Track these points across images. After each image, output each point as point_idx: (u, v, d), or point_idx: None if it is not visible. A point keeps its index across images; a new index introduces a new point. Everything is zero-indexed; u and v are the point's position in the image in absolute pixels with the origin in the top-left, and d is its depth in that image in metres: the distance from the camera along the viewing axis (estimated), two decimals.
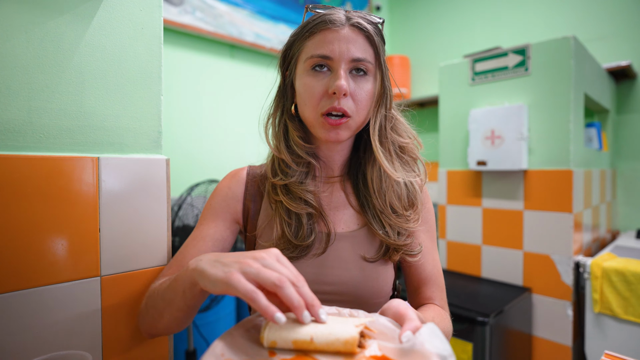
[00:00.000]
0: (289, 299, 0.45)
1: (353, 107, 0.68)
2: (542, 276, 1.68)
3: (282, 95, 0.77)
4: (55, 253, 0.64)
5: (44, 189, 0.62)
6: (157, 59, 0.77)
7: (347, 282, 0.71)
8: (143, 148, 0.76)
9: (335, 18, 0.67)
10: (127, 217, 0.72)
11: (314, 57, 0.67)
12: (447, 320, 0.74)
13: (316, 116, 0.68)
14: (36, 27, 0.62)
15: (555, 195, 1.64)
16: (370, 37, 0.68)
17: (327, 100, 0.67)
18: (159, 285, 0.65)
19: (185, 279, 0.54)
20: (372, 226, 0.74)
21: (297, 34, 0.72)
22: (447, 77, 2.01)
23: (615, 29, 2.22)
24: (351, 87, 0.67)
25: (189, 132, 2.16)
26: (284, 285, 0.45)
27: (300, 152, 0.73)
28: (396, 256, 0.74)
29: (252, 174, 0.80)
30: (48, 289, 0.63)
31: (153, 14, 0.76)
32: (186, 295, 0.55)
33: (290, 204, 0.71)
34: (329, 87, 0.66)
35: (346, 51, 0.66)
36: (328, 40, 0.66)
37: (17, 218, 0.60)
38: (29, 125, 0.62)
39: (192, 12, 2.13)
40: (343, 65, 0.66)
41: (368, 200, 0.75)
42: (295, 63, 0.72)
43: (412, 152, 0.78)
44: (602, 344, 1.54)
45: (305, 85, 0.69)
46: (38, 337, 0.62)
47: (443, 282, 0.82)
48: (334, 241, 0.73)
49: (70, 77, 0.66)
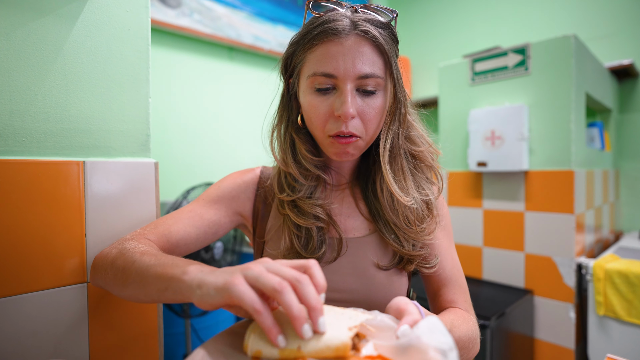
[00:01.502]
0: (289, 307, 0.40)
1: (361, 128, 0.63)
2: (544, 278, 1.65)
3: (285, 106, 0.72)
4: (39, 259, 0.62)
5: (27, 194, 0.61)
6: (145, 61, 0.76)
7: (358, 290, 0.68)
8: (131, 151, 0.74)
9: (339, 26, 0.60)
10: (114, 222, 0.70)
11: (317, 75, 0.61)
12: (471, 323, 0.68)
13: (324, 136, 0.65)
14: (18, 28, 0.61)
15: (556, 196, 1.62)
16: (380, 45, 0.61)
17: (333, 123, 0.63)
18: (140, 255, 0.56)
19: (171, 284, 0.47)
20: (383, 234, 0.70)
21: (297, 42, 0.66)
22: (447, 77, 1.99)
23: (617, 28, 2.20)
24: (359, 106, 0.62)
25: (186, 135, 2.16)
26: (284, 290, 0.40)
27: (308, 166, 0.69)
28: (411, 267, 0.71)
29: (265, 175, 0.77)
30: (32, 296, 0.62)
31: (140, 15, 0.74)
32: (165, 296, 0.49)
33: (298, 219, 0.68)
34: (334, 109, 0.62)
35: (352, 68, 0.60)
36: (331, 54, 0.60)
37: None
38: (11, 129, 0.61)
39: (189, 14, 2.12)
40: (349, 84, 0.61)
41: (380, 213, 0.71)
42: (298, 76, 0.67)
43: (426, 161, 0.73)
44: (605, 347, 1.52)
45: (310, 105, 0.64)
46: (22, 345, 0.61)
47: (465, 283, 0.76)
48: (346, 248, 0.70)
49: (53, 79, 0.65)
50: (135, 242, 0.61)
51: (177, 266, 0.48)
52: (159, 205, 0.76)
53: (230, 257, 1.69)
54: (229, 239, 1.69)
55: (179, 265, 0.48)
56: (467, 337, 0.64)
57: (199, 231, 0.69)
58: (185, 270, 0.46)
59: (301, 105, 0.68)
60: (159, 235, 0.65)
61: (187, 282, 0.45)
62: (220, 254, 1.62)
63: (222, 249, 1.62)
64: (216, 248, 1.60)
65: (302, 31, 0.65)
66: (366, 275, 0.69)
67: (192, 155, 2.17)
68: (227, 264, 1.67)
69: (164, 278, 0.49)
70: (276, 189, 0.72)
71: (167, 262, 0.51)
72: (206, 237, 0.71)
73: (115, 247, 0.61)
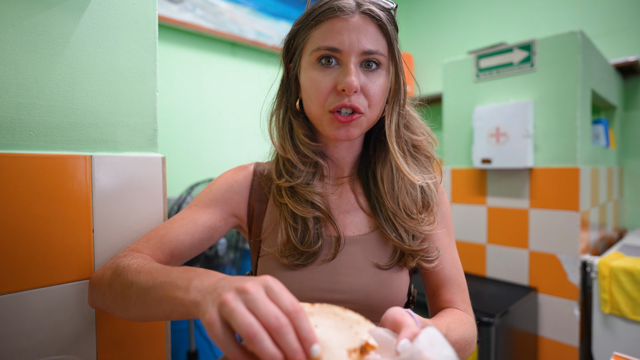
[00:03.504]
0: (262, 356, 0.36)
1: (365, 104, 0.63)
2: (548, 276, 1.65)
3: (285, 90, 0.72)
4: (47, 255, 0.62)
5: (34, 188, 0.60)
6: (152, 54, 0.75)
7: (358, 290, 0.66)
8: (138, 146, 0.74)
9: (344, 4, 0.61)
10: (121, 217, 0.70)
11: (321, 50, 0.61)
12: (468, 324, 0.68)
13: (323, 112, 0.64)
14: (24, 20, 0.60)
15: (561, 193, 1.61)
16: (383, 25, 0.62)
17: (335, 97, 0.62)
18: (136, 274, 0.54)
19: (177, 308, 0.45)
20: (384, 230, 0.69)
21: (301, 22, 0.65)
22: (451, 74, 1.98)
23: (622, 24, 2.18)
24: (362, 81, 0.62)
25: (189, 131, 2.15)
26: (255, 338, 0.35)
27: (306, 152, 0.69)
28: (412, 262, 0.69)
29: (258, 172, 0.75)
30: (40, 292, 0.61)
31: (147, 8, 0.74)
32: (173, 317, 0.47)
33: (296, 207, 0.67)
34: (337, 83, 0.61)
35: (356, 42, 0.60)
36: (336, 30, 0.61)
37: (6, 218, 0.58)
38: (18, 123, 0.60)
39: (192, 9, 2.11)
40: (353, 58, 0.61)
41: (380, 202, 0.70)
42: (300, 55, 0.66)
43: (426, 150, 0.73)
44: (610, 345, 1.51)
45: (312, 80, 0.63)
46: (31, 341, 0.60)
47: (464, 282, 0.75)
48: (344, 246, 0.69)
49: (60, 72, 0.64)
50: (128, 258, 0.59)
51: (178, 287, 0.45)
52: (166, 200, 0.76)
53: (234, 253, 1.68)
54: (232, 234, 1.69)
55: (179, 285, 0.45)
56: (462, 340, 0.63)
57: (194, 238, 0.67)
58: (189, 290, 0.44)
59: (301, 84, 0.67)
60: (153, 248, 0.64)
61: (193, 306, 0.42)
62: (224, 250, 1.62)
63: (225, 245, 1.62)
64: (220, 244, 1.59)
65: (306, 11, 0.65)
66: (365, 275, 0.67)
67: (195, 150, 2.16)
68: (230, 260, 1.66)
69: (168, 301, 0.46)
70: (274, 176, 0.71)
71: (166, 280, 0.48)
72: (201, 242, 0.69)
73: (109, 268, 0.59)
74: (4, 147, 0.59)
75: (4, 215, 0.58)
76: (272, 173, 0.72)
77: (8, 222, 0.58)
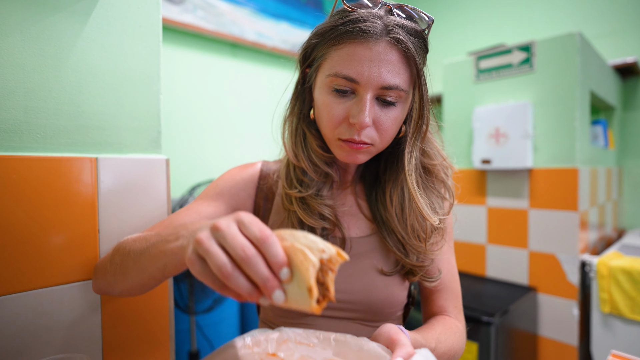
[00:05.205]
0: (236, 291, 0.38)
1: (375, 136, 0.61)
2: (548, 275, 1.66)
3: (299, 97, 0.69)
4: (53, 255, 0.63)
5: (41, 190, 0.61)
6: (156, 58, 0.76)
7: (359, 291, 0.67)
8: (142, 148, 0.75)
9: (371, 28, 0.55)
10: (126, 219, 0.71)
11: (338, 77, 0.58)
12: (457, 333, 0.68)
13: (333, 137, 0.62)
14: (32, 24, 0.61)
15: (560, 193, 1.62)
16: (411, 57, 0.57)
17: (346, 128, 0.60)
18: (133, 243, 0.56)
19: (169, 259, 0.47)
20: (384, 238, 0.69)
21: (323, 34, 0.60)
22: (451, 74, 1.99)
23: (621, 25, 2.20)
24: (376, 115, 0.59)
25: (190, 132, 2.16)
26: (228, 279, 0.37)
27: (319, 162, 0.67)
28: (414, 278, 0.69)
29: (265, 170, 0.75)
30: (46, 291, 0.62)
31: (151, 12, 0.75)
32: (168, 272, 0.49)
33: (307, 218, 0.66)
34: (350, 115, 0.59)
35: (376, 76, 0.56)
36: (357, 58, 0.56)
37: (14, 219, 0.59)
38: (26, 125, 0.61)
39: (193, 10, 2.12)
40: (370, 92, 0.57)
41: (385, 220, 0.69)
42: (317, 70, 0.63)
43: (438, 175, 0.71)
44: (609, 344, 1.53)
45: (325, 105, 0.61)
46: (36, 340, 0.61)
47: (458, 288, 0.76)
48: (350, 248, 0.69)
49: (67, 76, 0.65)
50: (127, 238, 0.61)
51: (168, 241, 0.47)
52: (170, 201, 0.77)
53: None
54: None
55: (169, 239, 0.47)
56: (450, 351, 0.64)
57: None
58: (177, 239, 0.46)
59: (315, 100, 0.65)
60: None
61: (181, 252, 0.44)
62: None
63: None
64: None
65: (329, 23, 0.60)
66: (368, 277, 0.68)
67: (196, 151, 2.17)
68: None
69: (160, 256, 0.48)
70: (285, 183, 0.69)
71: (159, 240, 0.50)
72: None
73: (111, 249, 0.62)
74: (12, 149, 0.60)
75: (11, 216, 0.59)
76: (282, 180, 0.70)
77: (16, 222, 0.59)
